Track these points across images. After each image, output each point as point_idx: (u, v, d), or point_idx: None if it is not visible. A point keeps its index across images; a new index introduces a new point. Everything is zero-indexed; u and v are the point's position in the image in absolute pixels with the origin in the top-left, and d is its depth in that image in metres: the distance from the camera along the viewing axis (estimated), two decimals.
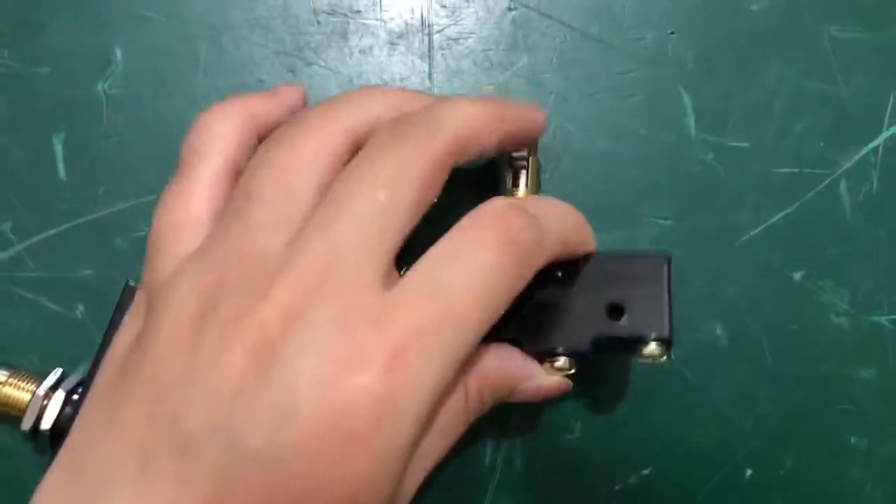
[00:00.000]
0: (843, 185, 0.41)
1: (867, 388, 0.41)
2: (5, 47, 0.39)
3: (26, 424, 0.35)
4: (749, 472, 0.40)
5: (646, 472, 0.39)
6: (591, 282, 0.33)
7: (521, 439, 0.39)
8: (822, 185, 0.41)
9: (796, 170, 0.41)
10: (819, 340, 0.41)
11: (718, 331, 0.40)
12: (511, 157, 0.36)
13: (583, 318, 0.33)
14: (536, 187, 0.36)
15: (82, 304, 0.38)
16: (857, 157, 0.41)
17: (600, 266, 0.33)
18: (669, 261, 0.33)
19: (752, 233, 0.41)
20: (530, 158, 0.36)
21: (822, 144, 0.41)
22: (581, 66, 0.41)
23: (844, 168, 0.41)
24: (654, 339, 0.32)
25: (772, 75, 0.42)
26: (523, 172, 0.36)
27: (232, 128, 0.32)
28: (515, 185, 0.36)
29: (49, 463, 0.35)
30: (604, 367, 0.40)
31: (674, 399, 0.40)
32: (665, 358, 0.33)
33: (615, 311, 0.33)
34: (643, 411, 0.40)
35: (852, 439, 0.40)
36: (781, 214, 0.41)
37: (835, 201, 0.41)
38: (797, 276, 0.41)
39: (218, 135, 0.32)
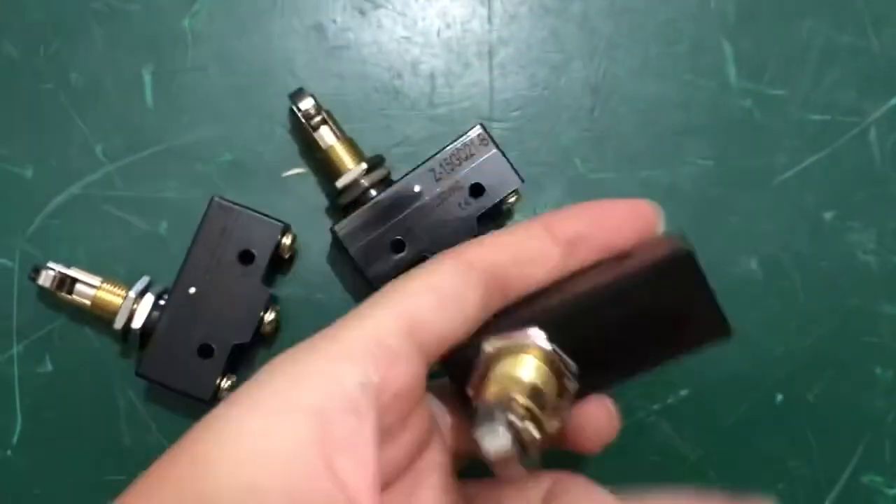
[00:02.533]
0: (872, 132, 0.43)
1: (893, 322, 0.42)
2: None
3: (118, 324, 0.37)
4: (779, 396, 0.41)
5: (684, 392, 0.41)
6: (629, 306, 0.26)
7: None
8: (853, 132, 0.43)
9: (829, 117, 0.43)
10: (847, 276, 0.42)
11: (753, 265, 0.42)
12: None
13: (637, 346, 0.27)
14: None
15: (166, 221, 0.40)
16: (886, 107, 0.43)
17: (628, 290, 0.26)
18: (692, 257, 0.27)
19: (786, 175, 0.42)
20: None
21: (853, 94, 0.43)
22: (630, 14, 0.42)
23: (874, 117, 0.43)
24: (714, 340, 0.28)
25: (806, 28, 0.43)
26: None
27: None
28: None
29: (136, 364, 0.37)
30: None
31: None
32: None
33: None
34: None
35: (877, 370, 0.42)
36: (814, 158, 0.42)
37: (864, 147, 0.43)
38: (828, 216, 0.42)
39: None
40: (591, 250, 0.27)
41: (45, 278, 0.37)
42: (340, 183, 0.38)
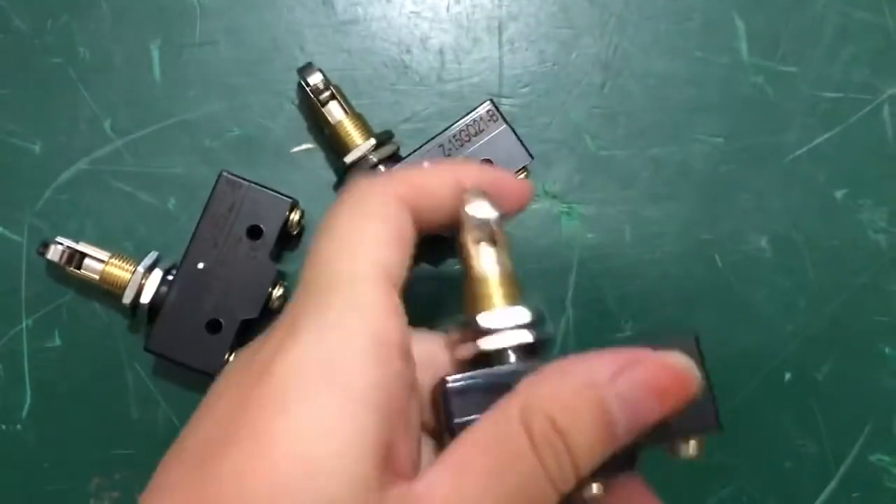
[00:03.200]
0: (885, 110, 0.42)
1: None
2: None
3: (127, 299, 0.36)
4: (788, 375, 0.41)
5: None
6: None
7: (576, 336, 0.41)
8: (865, 110, 0.42)
9: (841, 95, 0.42)
10: (857, 255, 0.41)
11: (763, 242, 0.41)
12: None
13: None
14: (507, 267, 0.27)
15: (174, 197, 0.40)
16: None
17: None
18: (697, 340, 0.26)
19: (797, 152, 0.42)
20: (495, 231, 0.27)
21: (866, 71, 0.42)
22: None
23: (887, 94, 0.42)
24: (702, 433, 0.25)
25: (820, 5, 0.42)
26: (490, 251, 0.27)
27: None
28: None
29: (144, 339, 0.37)
30: (654, 285, 0.41)
31: (719, 305, 0.41)
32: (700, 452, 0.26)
33: None
34: (690, 316, 0.41)
35: (886, 349, 0.41)
36: (826, 136, 0.42)
37: (877, 125, 0.42)
38: (839, 194, 0.42)
39: None
40: None
41: (54, 253, 0.37)
42: (349, 158, 0.37)
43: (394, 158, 0.38)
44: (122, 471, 0.39)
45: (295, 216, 0.37)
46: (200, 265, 0.36)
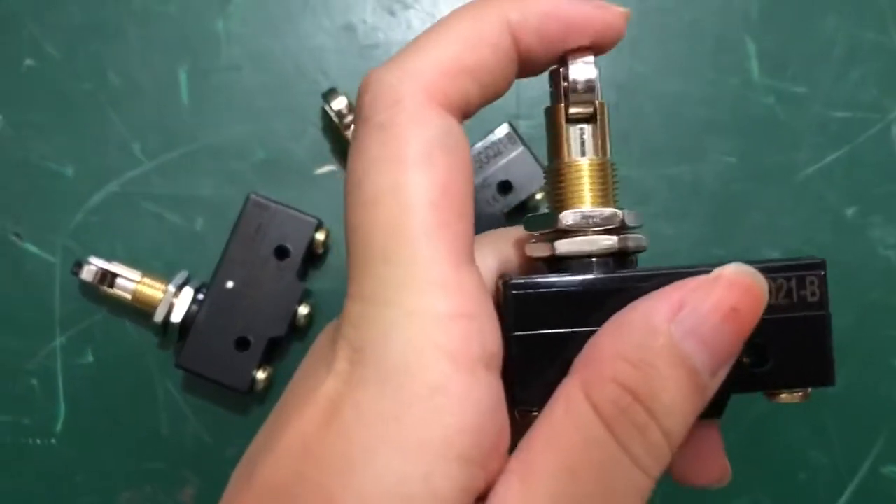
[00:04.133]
0: (893, 129, 0.43)
1: None
2: None
3: (158, 317, 0.38)
4: None
5: None
6: None
7: None
8: (874, 129, 0.43)
9: (850, 114, 0.43)
10: (868, 271, 0.42)
11: None
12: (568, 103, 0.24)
13: None
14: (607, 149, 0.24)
15: (202, 218, 0.41)
16: None
17: None
18: (824, 267, 0.23)
19: (808, 171, 0.43)
20: (597, 105, 0.24)
21: (875, 91, 0.43)
22: (655, 13, 0.43)
23: (895, 114, 0.43)
24: (815, 386, 0.23)
25: (830, 26, 0.43)
26: (586, 131, 0.24)
27: None
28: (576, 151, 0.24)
29: (174, 356, 0.39)
30: None
31: None
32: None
33: (755, 352, 0.22)
34: None
35: None
36: (836, 155, 0.43)
37: (886, 144, 0.43)
38: (849, 211, 0.43)
39: None
40: None
41: (87, 273, 0.38)
42: None
43: None
44: (152, 483, 0.40)
45: (320, 236, 0.39)
46: (229, 284, 0.38)
